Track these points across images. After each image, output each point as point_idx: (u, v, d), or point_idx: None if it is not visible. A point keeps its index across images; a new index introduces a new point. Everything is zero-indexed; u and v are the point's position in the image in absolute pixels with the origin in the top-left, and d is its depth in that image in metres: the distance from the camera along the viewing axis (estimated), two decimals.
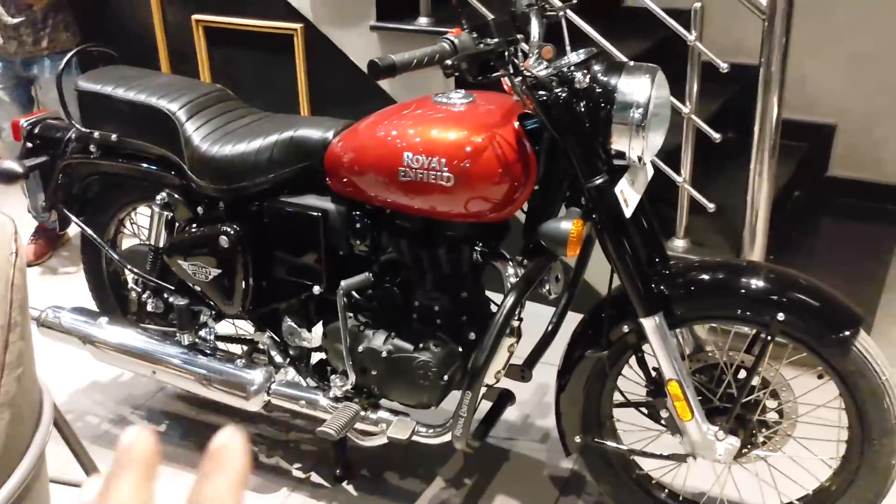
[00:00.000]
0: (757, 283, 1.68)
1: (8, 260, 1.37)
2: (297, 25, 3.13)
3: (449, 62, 1.43)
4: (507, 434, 2.34)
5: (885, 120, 3.44)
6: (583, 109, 1.59)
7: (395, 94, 2.93)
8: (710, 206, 2.57)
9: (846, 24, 3.39)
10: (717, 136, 2.48)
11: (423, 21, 2.81)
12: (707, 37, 3.47)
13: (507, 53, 1.55)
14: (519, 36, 1.58)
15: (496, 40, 1.52)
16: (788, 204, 3.52)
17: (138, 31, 3.55)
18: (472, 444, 1.85)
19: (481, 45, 1.51)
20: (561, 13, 1.73)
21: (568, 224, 1.58)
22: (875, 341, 2.72)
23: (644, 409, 1.88)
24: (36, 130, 2.28)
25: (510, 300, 1.68)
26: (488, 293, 1.93)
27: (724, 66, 2.39)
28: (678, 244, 2.73)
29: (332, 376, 2.01)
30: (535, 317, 2.02)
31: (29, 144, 2.28)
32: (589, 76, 1.58)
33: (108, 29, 3.65)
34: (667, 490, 1.96)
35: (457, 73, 1.48)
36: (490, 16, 2.53)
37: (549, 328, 1.99)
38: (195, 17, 3.36)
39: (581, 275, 1.97)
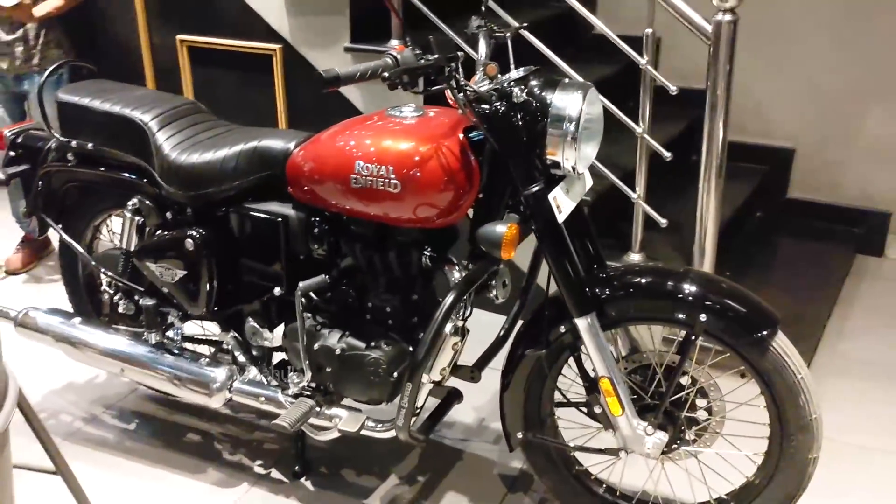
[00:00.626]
0: (684, 287, 1.79)
1: None
2: (276, 46, 3.26)
3: (387, 74, 1.56)
4: (462, 435, 2.45)
5: (840, 145, 3.58)
6: (520, 122, 1.72)
7: (367, 111, 3.05)
8: (663, 222, 2.69)
9: (803, 53, 3.55)
10: (667, 154, 2.62)
11: (394, 43, 2.94)
12: (671, 62, 3.63)
13: (447, 69, 1.67)
14: (461, 54, 1.71)
15: (436, 56, 1.65)
16: (749, 224, 3.66)
17: (126, 49, 3.69)
18: (417, 437, 1.95)
19: (422, 61, 1.64)
20: (508, 34, 1.87)
21: (503, 228, 1.70)
22: (823, 352, 2.85)
23: (584, 409, 1.99)
24: (19, 140, 2.40)
25: (450, 298, 1.79)
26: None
27: (673, 89, 2.52)
28: (634, 258, 2.85)
29: (291, 374, 2.12)
30: (490, 325, 2.12)
31: (12, 153, 2.40)
32: (526, 91, 1.71)
33: (98, 47, 3.80)
34: (604, 486, 2.06)
35: (398, 86, 1.61)
36: (457, 38, 2.67)
37: (501, 333, 2.09)
38: (180, 37, 3.50)
39: (532, 282, 2.07)
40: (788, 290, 3.15)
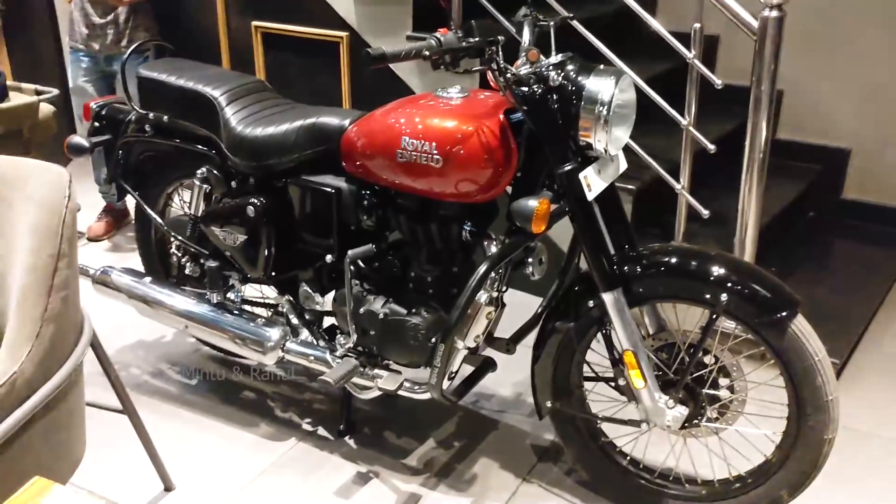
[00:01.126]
0: (708, 268, 1.88)
1: (62, 202, 1.69)
2: (344, 34, 3.43)
3: (428, 53, 1.69)
4: (498, 407, 2.57)
5: None
6: (556, 104, 1.83)
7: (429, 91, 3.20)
8: (705, 213, 2.75)
9: (862, 54, 3.55)
10: (711, 147, 2.68)
11: (440, 30, 3.06)
12: (729, 61, 3.67)
13: (487, 52, 1.79)
14: (501, 38, 1.83)
15: (476, 39, 1.77)
16: (800, 222, 3.68)
17: (205, 34, 3.91)
18: (449, 398, 2.08)
19: (463, 43, 1.76)
20: (551, 23, 1.98)
21: (534, 202, 1.82)
22: (864, 348, 2.88)
23: (610, 383, 2.09)
24: (103, 112, 2.61)
25: (483, 267, 1.91)
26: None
27: (718, 83, 2.58)
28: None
29: (339, 336, 2.27)
30: (528, 306, 2.23)
31: (96, 124, 2.61)
32: (562, 75, 1.82)
33: (180, 31, 4.02)
34: (628, 458, 2.15)
35: (441, 66, 1.74)
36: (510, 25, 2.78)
37: (538, 311, 2.21)
38: (254, 22, 3.71)
39: (571, 263, 2.18)
40: (835, 288, 3.18)
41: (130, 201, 2.72)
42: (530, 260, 2.16)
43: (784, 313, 1.81)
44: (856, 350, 2.87)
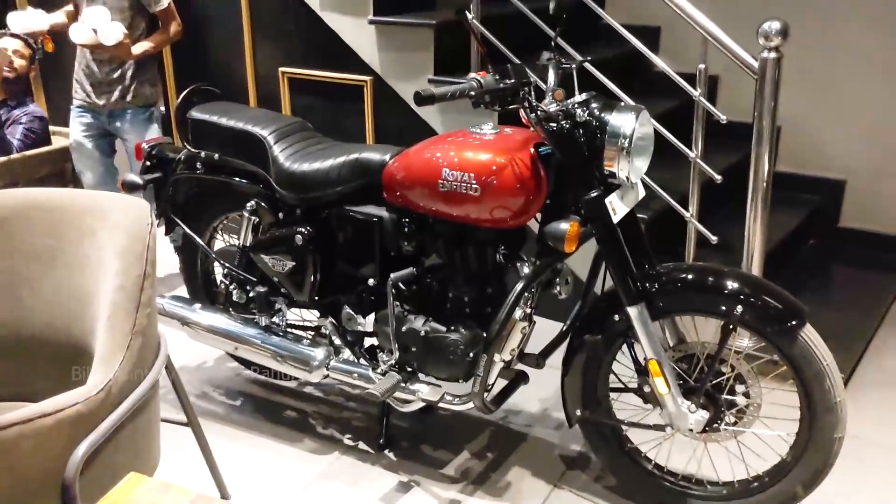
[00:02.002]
0: (724, 282, 2.07)
1: (145, 229, 1.88)
2: (368, 78, 3.66)
3: (473, 94, 1.91)
4: (527, 422, 2.74)
5: (889, 177, 3.79)
6: (582, 138, 2.04)
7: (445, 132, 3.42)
8: (713, 239, 2.95)
9: (855, 91, 3.79)
10: (718, 177, 2.89)
11: (472, 75, 3.29)
12: (729, 99, 3.91)
13: (521, 92, 2.01)
14: (533, 79, 2.05)
15: (513, 81, 1.99)
16: (802, 250, 3.88)
17: (234, 78, 4.15)
18: (489, 407, 2.26)
19: (501, 85, 1.98)
20: (573, 66, 2.20)
21: (566, 225, 2.02)
22: (865, 365, 3.06)
23: (636, 392, 2.27)
24: (153, 152, 2.82)
25: (520, 285, 2.11)
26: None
27: (723, 119, 2.80)
28: None
29: (380, 354, 2.45)
30: (551, 331, 2.41)
31: (147, 163, 2.82)
32: (587, 112, 2.03)
33: (208, 77, 4.26)
34: (653, 462, 2.32)
35: (481, 105, 1.95)
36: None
37: (564, 328, 2.40)
38: (281, 69, 3.94)
39: (592, 285, 2.38)
40: (837, 309, 3.37)
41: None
42: (558, 280, 2.36)
43: (794, 322, 2.00)
44: (858, 366, 3.05)
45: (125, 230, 1.88)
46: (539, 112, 2.04)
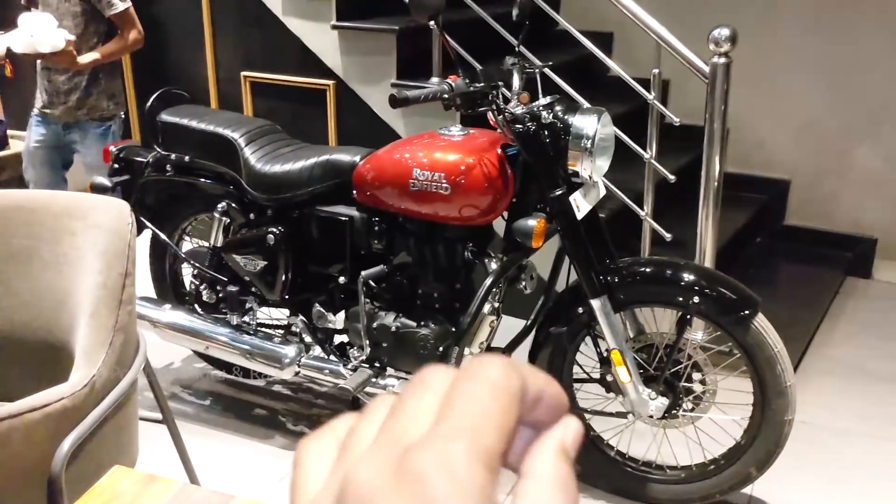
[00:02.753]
0: (681, 275, 2.19)
1: (126, 228, 1.92)
2: (330, 82, 3.73)
3: (446, 97, 1.99)
4: None
5: (832, 177, 3.99)
6: (547, 139, 2.14)
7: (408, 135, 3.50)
8: (668, 236, 3.08)
9: (796, 94, 3.97)
10: (671, 177, 3.02)
11: (434, 80, 3.38)
12: (681, 102, 4.06)
13: (490, 95, 2.10)
14: (501, 83, 2.14)
15: (482, 84, 2.08)
16: (749, 247, 4.05)
17: (194, 82, 4.17)
18: None
19: (471, 88, 2.07)
20: (536, 70, 2.31)
21: (533, 221, 2.12)
22: (811, 354, 3.21)
23: (599, 382, 2.37)
24: (122, 154, 2.85)
25: (489, 280, 2.20)
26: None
27: (676, 121, 2.94)
28: None
29: (351, 350, 2.52)
30: (516, 328, 2.52)
31: (115, 165, 2.85)
32: (552, 114, 2.14)
33: (168, 80, 4.27)
34: (615, 449, 2.43)
35: (452, 107, 2.04)
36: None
37: (528, 323, 2.50)
38: (244, 73, 3.98)
39: (555, 281, 2.48)
40: (783, 304, 3.52)
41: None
42: (523, 276, 2.45)
43: (747, 311, 2.13)
44: (805, 356, 3.21)
45: (107, 229, 1.92)
46: (507, 114, 2.14)
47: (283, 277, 2.55)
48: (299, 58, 3.80)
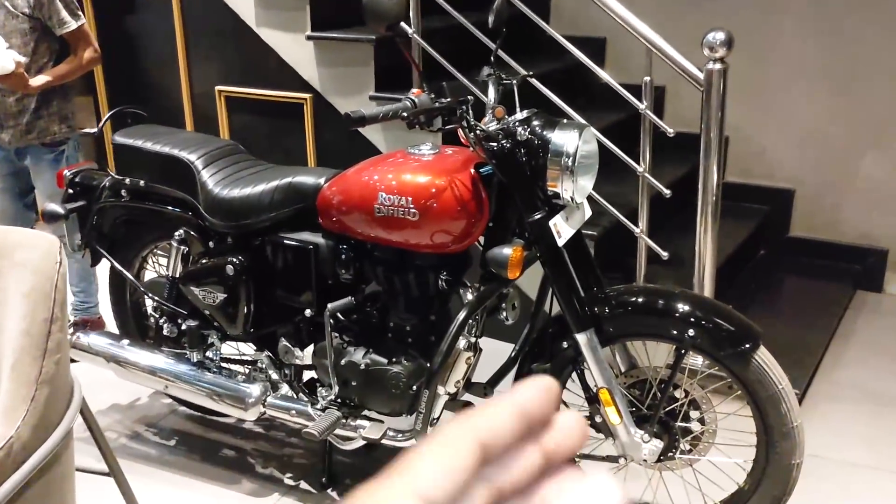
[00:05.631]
0: (675, 305, 1.99)
1: (53, 267, 1.73)
2: (307, 95, 3.54)
3: (406, 115, 1.80)
4: None
5: (839, 187, 3.78)
6: (524, 157, 1.94)
7: (388, 152, 3.31)
8: (664, 255, 2.88)
9: (799, 100, 3.77)
10: (667, 192, 2.82)
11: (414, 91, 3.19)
12: (675, 110, 3.87)
13: (459, 111, 1.91)
14: (470, 98, 1.94)
15: (448, 100, 1.88)
16: (752, 260, 3.85)
17: (168, 97, 3.99)
18: None
19: (436, 104, 1.87)
20: (514, 81, 2.11)
21: (508, 250, 1.92)
22: (820, 379, 3.01)
23: (588, 421, 2.17)
24: (76, 179, 2.66)
25: (462, 314, 2.00)
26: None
27: (670, 132, 2.74)
28: None
29: (319, 389, 2.32)
30: (501, 352, 2.31)
31: (70, 191, 2.66)
32: (529, 130, 1.94)
33: (140, 96, 4.10)
34: None
35: (416, 125, 1.85)
36: (470, 85, 2.92)
37: (513, 354, 2.30)
38: (218, 87, 3.80)
39: (541, 308, 2.28)
40: (789, 323, 3.32)
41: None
42: (504, 305, 2.26)
43: (748, 345, 1.92)
44: (813, 380, 3.00)
45: (32, 269, 1.73)
46: (478, 131, 1.94)
47: (245, 310, 2.36)
48: (275, 71, 3.62)
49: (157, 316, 2.60)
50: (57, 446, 1.67)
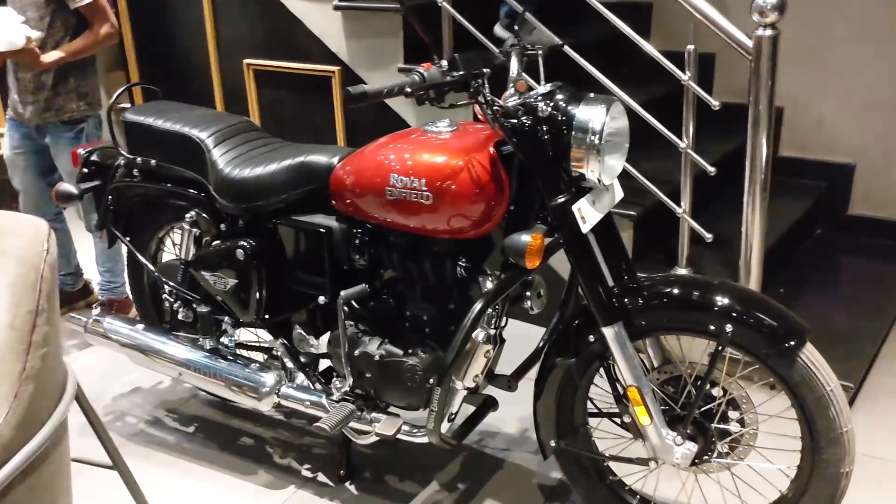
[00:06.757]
0: (712, 297, 1.81)
1: (40, 255, 1.63)
2: (336, 68, 3.40)
3: (409, 90, 1.65)
4: (503, 445, 2.49)
5: None
6: (546, 135, 1.77)
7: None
8: (708, 237, 2.69)
9: (859, 68, 3.49)
10: (711, 169, 2.62)
11: (443, 63, 3.02)
12: (728, 80, 3.63)
13: (474, 85, 1.75)
14: (487, 70, 1.78)
15: (461, 73, 1.72)
16: (808, 240, 3.61)
17: (197, 72, 3.90)
18: (449, 441, 2.01)
19: (447, 78, 1.71)
20: (540, 52, 1.94)
21: (527, 237, 1.75)
22: (879, 370, 2.80)
23: (615, 419, 2.01)
24: (91, 158, 2.57)
25: (478, 306, 1.85)
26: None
27: (715, 105, 2.53)
28: (680, 272, 2.85)
29: (335, 380, 2.21)
30: (529, 337, 2.17)
31: (85, 170, 2.58)
32: (552, 105, 1.77)
33: (170, 70, 4.02)
34: (638, 496, 2.07)
35: (426, 101, 1.69)
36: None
37: (540, 344, 2.14)
38: (246, 60, 3.69)
39: (571, 294, 2.12)
40: (846, 308, 3.09)
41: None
42: (528, 294, 2.10)
43: (792, 343, 1.74)
44: (870, 372, 2.78)
45: (16, 256, 1.63)
46: (496, 107, 1.78)
47: (257, 296, 2.25)
48: (303, 43, 3.49)
49: (172, 300, 2.51)
50: (44, 445, 1.58)
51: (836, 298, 3.17)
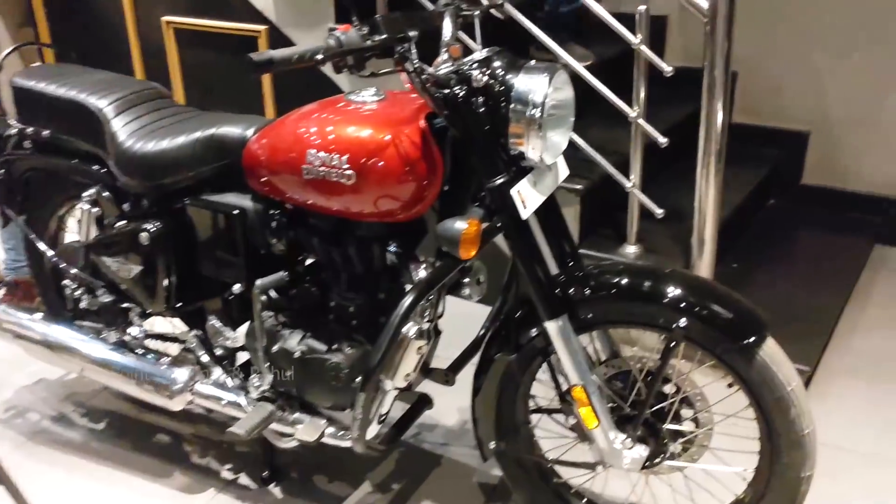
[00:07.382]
0: (664, 288, 1.64)
1: None
2: (262, 27, 3.14)
3: (320, 57, 1.42)
4: (441, 439, 2.32)
5: (858, 129, 3.38)
6: (481, 108, 1.57)
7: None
8: (659, 212, 2.53)
9: (820, 34, 3.34)
10: (663, 140, 2.45)
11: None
12: (681, 42, 3.46)
13: (398, 50, 1.53)
14: (413, 34, 1.56)
15: (384, 37, 1.50)
16: (761, 212, 3.49)
17: (111, 31, 3.58)
18: (377, 448, 1.83)
19: (367, 42, 1.49)
20: (476, 13, 1.73)
21: (462, 224, 1.56)
22: (834, 349, 2.69)
23: (560, 417, 1.85)
24: None
25: (408, 299, 1.65)
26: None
27: (668, 70, 2.36)
28: (630, 250, 2.70)
29: (253, 377, 2.00)
30: (469, 316, 1.99)
31: None
32: (488, 73, 1.56)
33: (82, 29, 3.69)
34: (585, 499, 1.92)
35: (345, 69, 1.47)
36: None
37: (481, 333, 1.96)
38: (165, 18, 3.39)
39: (514, 282, 1.93)
40: (800, 283, 2.98)
41: None
42: (467, 280, 1.91)
43: (751, 339, 1.58)
44: (826, 350, 2.67)
45: None
46: (425, 75, 1.57)
47: (165, 283, 2.02)
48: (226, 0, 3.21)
49: (74, 286, 2.27)
50: None
51: (790, 273, 3.05)
